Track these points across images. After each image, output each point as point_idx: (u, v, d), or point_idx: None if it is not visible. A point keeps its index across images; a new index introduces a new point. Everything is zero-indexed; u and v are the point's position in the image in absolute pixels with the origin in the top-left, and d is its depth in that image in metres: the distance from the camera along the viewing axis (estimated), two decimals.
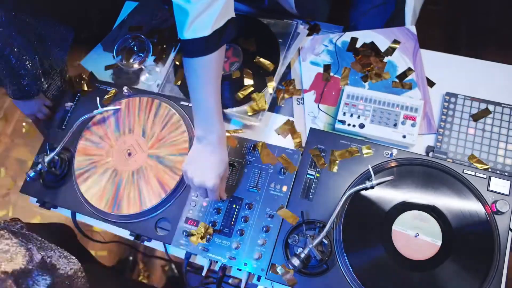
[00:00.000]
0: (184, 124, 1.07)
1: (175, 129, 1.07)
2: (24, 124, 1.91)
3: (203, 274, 1.01)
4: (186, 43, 0.84)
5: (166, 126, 1.08)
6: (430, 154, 1.01)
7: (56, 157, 1.09)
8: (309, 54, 1.22)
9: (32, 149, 1.90)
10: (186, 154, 1.03)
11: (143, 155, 1.07)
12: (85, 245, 1.40)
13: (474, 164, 0.99)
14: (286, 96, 1.18)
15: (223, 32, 0.86)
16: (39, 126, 1.35)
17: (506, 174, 0.97)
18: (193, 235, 0.96)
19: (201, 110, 0.90)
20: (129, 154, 1.08)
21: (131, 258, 1.70)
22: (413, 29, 1.17)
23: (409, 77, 1.12)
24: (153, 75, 1.30)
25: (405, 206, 0.89)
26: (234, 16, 0.89)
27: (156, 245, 1.09)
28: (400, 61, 1.15)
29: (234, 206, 0.98)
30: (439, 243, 0.86)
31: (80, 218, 1.14)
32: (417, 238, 0.86)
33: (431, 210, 0.88)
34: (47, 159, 1.07)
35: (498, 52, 1.96)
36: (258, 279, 0.98)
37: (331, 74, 1.17)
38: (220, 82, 0.91)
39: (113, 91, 1.18)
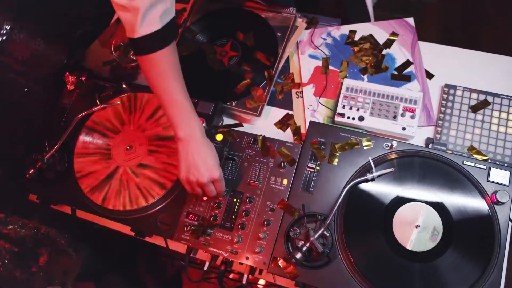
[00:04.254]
0: None
1: None
2: None
3: (205, 268, 1.01)
4: (142, 40, 0.86)
5: (165, 120, 1.08)
6: (430, 145, 1.01)
7: (56, 154, 1.09)
8: (307, 47, 1.21)
9: None
10: None
11: (143, 150, 1.07)
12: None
13: (473, 155, 0.99)
14: (285, 89, 1.18)
15: (172, 26, 0.89)
16: None
17: (506, 164, 0.98)
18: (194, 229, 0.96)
19: (176, 110, 0.91)
20: (129, 149, 1.07)
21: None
22: (411, 21, 1.17)
23: (407, 69, 1.12)
24: None
25: (405, 198, 0.90)
26: (175, 15, 0.91)
27: (157, 240, 1.09)
28: (398, 53, 1.15)
29: (235, 200, 0.98)
30: (440, 234, 0.86)
31: (81, 214, 1.14)
32: (418, 229, 0.87)
33: (432, 201, 0.88)
34: (46, 156, 1.06)
35: (494, 44, 1.97)
36: (260, 273, 0.99)
37: (330, 67, 1.17)
38: (181, 74, 0.93)
39: (112, 87, 1.18)
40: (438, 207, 0.88)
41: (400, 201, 0.90)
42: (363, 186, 0.92)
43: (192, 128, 0.91)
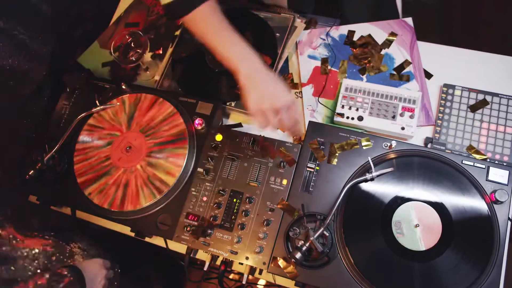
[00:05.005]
0: (182, 119, 1.07)
1: (174, 123, 1.07)
2: None
3: (205, 269, 1.01)
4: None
5: (164, 121, 1.08)
6: (429, 145, 1.01)
7: (55, 155, 1.09)
8: (306, 48, 1.22)
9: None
10: (184, 148, 1.03)
11: (143, 150, 1.07)
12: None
13: (472, 154, 1.00)
14: None
15: None
16: None
17: (505, 164, 0.98)
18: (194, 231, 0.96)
19: (235, 49, 0.92)
20: (129, 150, 1.08)
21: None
22: (410, 21, 1.18)
23: (406, 69, 1.12)
24: (151, 71, 1.30)
25: (404, 198, 0.90)
26: None
27: (157, 240, 1.09)
28: (397, 53, 1.15)
29: (234, 200, 0.98)
30: (439, 233, 0.86)
31: (81, 215, 1.14)
32: (417, 229, 0.87)
33: (431, 201, 0.89)
34: (46, 157, 1.07)
35: (493, 43, 1.97)
36: (260, 273, 0.99)
37: (329, 67, 1.17)
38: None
39: (111, 87, 1.18)
40: (438, 206, 0.88)
41: (399, 200, 0.90)
42: (363, 185, 0.92)
43: (254, 62, 0.91)
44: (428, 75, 1.12)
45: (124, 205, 1.03)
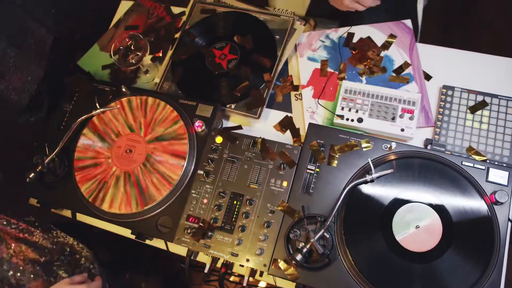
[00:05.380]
0: (182, 121, 1.07)
1: (174, 126, 1.07)
2: None
3: (206, 271, 1.01)
4: None
5: (164, 122, 1.08)
6: (429, 146, 1.02)
7: (56, 158, 1.09)
8: (306, 50, 1.22)
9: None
10: (185, 150, 1.03)
11: (143, 152, 1.07)
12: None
13: (472, 156, 1.00)
14: (284, 92, 1.19)
15: None
16: None
17: (504, 165, 0.98)
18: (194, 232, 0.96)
19: None
20: (129, 153, 1.08)
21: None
22: (409, 23, 1.18)
23: (406, 71, 1.13)
24: (151, 73, 1.30)
25: (404, 199, 0.90)
26: None
27: (158, 243, 1.09)
28: (396, 55, 1.15)
29: (235, 202, 0.98)
30: (440, 234, 0.86)
31: (81, 218, 1.14)
32: (417, 230, 0.87)
33: (431, 202, 0.89)
34: (46, 160, 1.07)
35: (492, 45, 1.97)
36: (261, 275, 0.99)
37: (328, 69, 1.18)
38: None
39: (111, 90, 1.18)
40: (438, 207, 0.88)
41: (399, 202, 0.90)
42: (363, 187, 0.93)
43: None
44: (428, 77, 1.13)
45: (124, 208, 1.03)
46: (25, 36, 1.17)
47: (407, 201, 0.90)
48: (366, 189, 0.92)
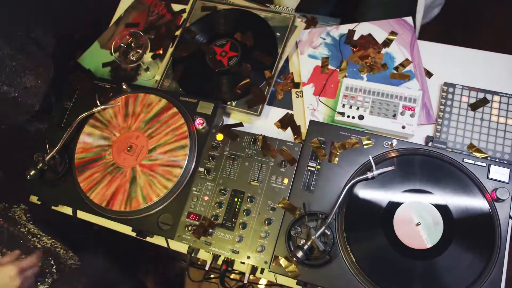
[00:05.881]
0: (183, 119, 1.07)
1: (174, 123, 1.07)
2: None
3: (206, 268, 1.01)
4: None
5: (164, 119, 1.08)
6: (430, 144, 1.02)
7: (56, 155, 1.09)
8: (306, 47, 1.22)
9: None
10: (185, 148, 1.03)
11: (144, 150, 1.07)
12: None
13: (473, 153, 1.00)
14: (285, 89, 1.19)
15: None
16: None
17: (505, 162, 0.98)
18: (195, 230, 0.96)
19: None
20: (130, 150, 1.08)
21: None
22: (409, 20, 1.18)
23: (407, 68, 1.12)
24: (152, 71, 1.30)
25: (406, 196, 0.90)
26: None
27: (159, 240, 1.09)
28: (397, 52, 1.15)
29: (236, 199, 0.98)
30: (441, 232, 0.86)
31: (82, 215, 1.14)
32: (418, 227, 0.87)
33: (432, 199, 0.89)
34: (47, 157, 1.07)
35: (493, 42, 1.97)
36: (262, 272, 0.99)
37: (329, 66, 1.18)
38: None
39: (112, 88, 1.18)
40: (439, 205, 0.88)
41: (400, 199, 0.90)
42: (364, 184, 0.93)
43: None
44: (429, 74, 1.13)
45: (125, 205, 1.03)
46: (27, 37, 1.17)
47: (408, 198, 0.90)
48: (367, 186, 0.92)
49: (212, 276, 1.50)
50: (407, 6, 1.27)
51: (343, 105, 1.09)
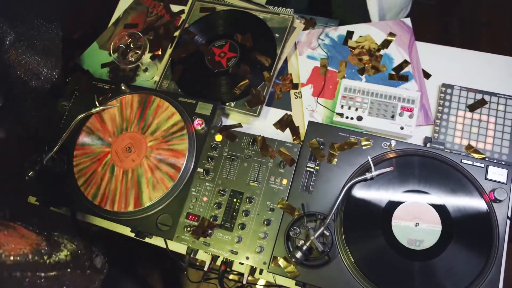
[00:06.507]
0: (182, 119, 1.07)
1: (173, 124, 1.07)
2: None
3: (205, 269, 1.01)
4: None
5: (163, 120, 1.08)
6: (428, 144, 1.02)
7: (55, 156, 1.09)
8: (305, 48, 1.22)
9: None
10: (184, 148, 1.03)
11: (143, 150, 1.07)
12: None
13: (471, 154, 1.00)
14: (284, 90, 1.19)
15: None
16: None
17: (503, 163, 0.98)
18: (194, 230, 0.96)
19: None
20: (128, 151, 1.08)
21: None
22: (408, 21, 1.18)
23: (405, 69, 1.13)
24: (150, 72, 1.30)
25: (404, 197, 0.90)
26: None
27: (157, 241, 1.09)
28: (396, 53, 1.15)
29: (235, 200, 0.98)
30: (439, 233, 0.87)
31: (80, 216, 1.14)
32: (417, 227, 0.87)
33: (430, 199, 0.89)
34: (45, 158, 1.06)
35: (491, 44, 1.98)
36: (260, 273, 0.99)
37: (328, 67, 1.18)
38: None
39: (110, 88, 1.18)
40: (437, 205, 0.88)
41: (399, 199, 0.90)
42: (363, 185, 0.93)
43: None
44: (427, 75, 1.13)
45: (124, 206, 1.03)
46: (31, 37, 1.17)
47: (407, 199, 0.90)
48: (366, 186, 0.93)
49: (211, 276, 1.50)
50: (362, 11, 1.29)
51: (342, 106, 1.09)
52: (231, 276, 1.60)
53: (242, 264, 0.99)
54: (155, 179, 1.03)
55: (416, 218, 0.88)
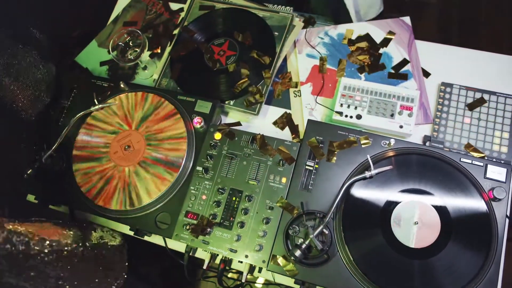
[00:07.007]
0: (181, 118, 1.07)
1: (172, 121, 1.07)
2: None
3: (204, 267, 1.01)
4: None
5: (163, 119, 1.08)
6: (427, 143, 1.02)
7: (54, 154, 1.08)
8: (305, 46, 1.22)
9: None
10: (183, 146, 1.03)
11: (141, 148, 1.07)
12: None
13: (470, 152, 1.00)
14: (283, 88, 1.19)
15: None
16: None
17: (502, 162, 0.99)
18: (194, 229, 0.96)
19: None
20: (127, 149, 1.07)
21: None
22: (407, 20, 1.18)
23: (404, 68, 1.13)
24: (149, 70, 1.29)
25: (403, 195, 0.90)
26: None
27: (156, 239, 1.09)
28: (395, 52, 1.15)
29: (234, 198, 0.98)
30: (438, 231, 0.87)
31: (78, 214, 1.14)
32: (416, 226, 0.87)
33: (429, 198, 0.89)
34: (44, 156, 1.06)
35: (491, 42, 1.98)
36: (259, 271, 0.99)
37: (327, 66, 1.18)
38: None
39: (110, 86, 1.18)
40: (436, 204, 0.88)
41: (398, 198, 0.90)
42: (362, 183, 0.93)
43: None
44: (426, 74, 1.13)
45: (123, 204, 1.03)
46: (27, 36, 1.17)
47: (406, 198, 0.90)
48: (365, 185, 0.93)
49: (210, 275, 1.50)
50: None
51: (341, 105, 1.09)
52: (230, 275, 1.59)
53: (241, 262, 0.99)
54: (154, 177, 1.03)
55: (415, 217, 0.88)
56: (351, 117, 1.07)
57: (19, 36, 1.14)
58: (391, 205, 0.90)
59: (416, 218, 0.88)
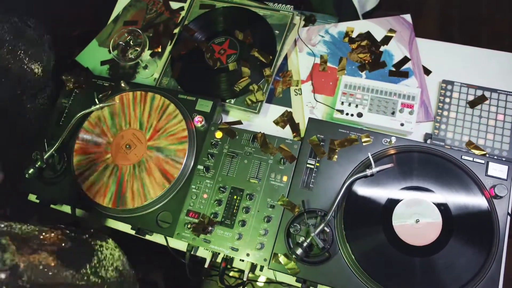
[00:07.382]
0: (181, 116, 1.07)
1: (173, 120, 1.07)
2: None
3: (206, 266, 1.01)
4: None
5: (163, 117, 1.08)
6: (428, 141, 1.02)
7: (55, 153, 1.08)
8: (305, 45, 1.22)
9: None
10: (184, 145, 1.03)
11: (142, 147, 1.07)
12: None
13: (471, 150, 1.00)
14: (284, 87, 1.19)
15: None
16: None
17: (504, 159, 0.98)
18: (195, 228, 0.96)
19: None
20: (128, 148, 1.08)
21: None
22: (408, 18, 1.18)
23: (405, 66, 1.13)
24: (150, 69, 1.29)
25: (405, 193, 0.90)
26: None
27: (158, 238, 1.09)
28: (396, 50, 1.15)
29: (235, 197, 0.98)
30: (439, 228, 0.87)
31: (80, 213, 1.14)
32: (417, 224, 0.87)
33: (431, 196, 0.89)
34: (45, 155, 1.06)
35: (492, 40, 1.97)
36: (261, 269, 0.99)
37: (328, 64, 1.18)
38: None
39: (110, 86, 1.18)
40: (437, 201, 0.88)
41: (399, 196, 0.90)
42: (363, 181, 0.93)
43: None
44: (427, 72, 1.13)
45: (124, 203, 1.03)
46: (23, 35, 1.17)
47: (407, 195, 0.90)
48: (366, 183, 0.92)
49: (211, 273, 1.50)
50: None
51: (342, 103, 1.09)
52: (231, 273, 1.60)
53: (243, 261, 0.99)
54: (155, 177, 1.03)
55: (417, 214, 0.88)
56: (352, 115, 1.07)
57: (19, 34, 1.14)
58: (392, 203, 0.90)
59: (417, 216, 0.88)
